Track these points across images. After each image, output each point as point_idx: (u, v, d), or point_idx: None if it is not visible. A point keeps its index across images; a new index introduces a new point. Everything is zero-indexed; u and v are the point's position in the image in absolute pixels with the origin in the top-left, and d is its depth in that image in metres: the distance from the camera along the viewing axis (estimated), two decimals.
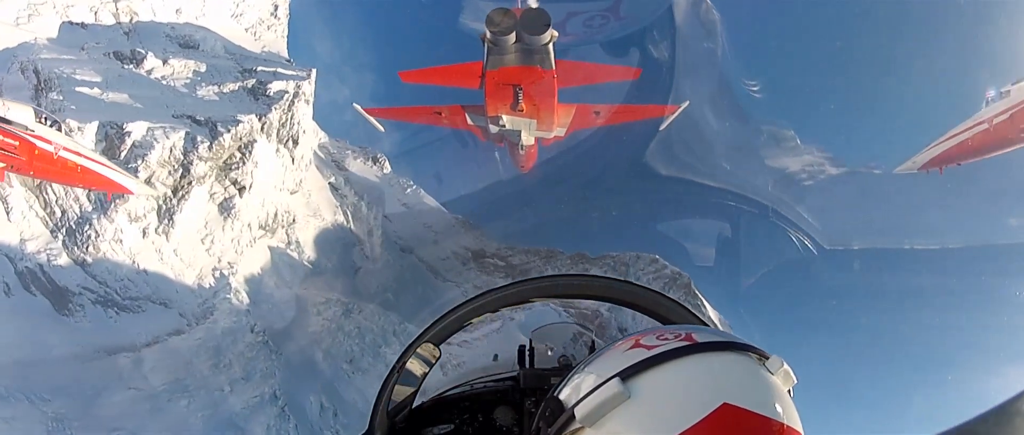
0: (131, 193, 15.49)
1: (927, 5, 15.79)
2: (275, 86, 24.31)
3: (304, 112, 24.41)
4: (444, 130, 17.78)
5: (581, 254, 24.04)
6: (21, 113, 12.59)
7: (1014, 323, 17.80)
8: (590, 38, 14.41)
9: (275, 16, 26.05)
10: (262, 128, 23.18)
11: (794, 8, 17.27)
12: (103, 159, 14.37)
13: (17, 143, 12.25)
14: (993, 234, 17.40)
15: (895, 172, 14.42)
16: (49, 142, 12.79)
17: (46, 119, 12.97)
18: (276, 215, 23.87)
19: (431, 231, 26.04)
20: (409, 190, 26.86)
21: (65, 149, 13.12)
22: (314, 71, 24.07)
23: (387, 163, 26.74)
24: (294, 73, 24.94)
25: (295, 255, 24.11)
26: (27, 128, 12.46)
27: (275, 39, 25.96)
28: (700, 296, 23.10)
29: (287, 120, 24.03)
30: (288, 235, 24.18)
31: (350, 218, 25.76)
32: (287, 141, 24.15)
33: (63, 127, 13.54)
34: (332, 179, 25.92)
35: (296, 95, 24.21)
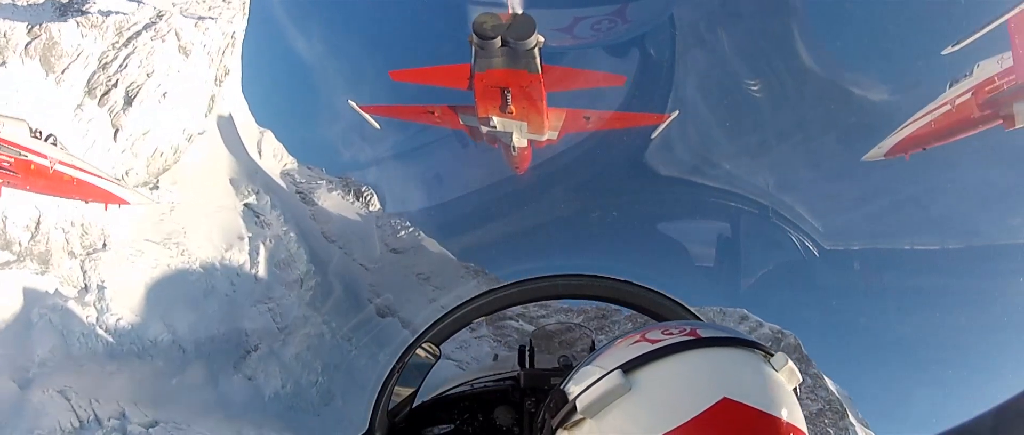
0: (127, 203, 14.82)
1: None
2: (102, 3, 13.87)
3: (172, 63, 14.83)
4: (440, 148, 17.54)
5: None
6: (15, 129, 12.52)
7: (1014, 323, 17.81)
8: (593, 42, 14.45)
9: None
10: (28, 47, 12.73)
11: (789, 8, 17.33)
12: (99, 171, 14.21)
13: (12, 161, 12.24)
14: (993, 234, 17.41)
15: (863, 160, 14.34)
16: (44, 157, 12.72)
17: (40, 134, 12.88)
18: (40, 226, 13.17)
19: (428, 284, 19.81)
20: (404, 232, 20.45)
21: (61, 163, 13.05)
22: (243, 20, 17.34)
23: (374, 198, 20.82)
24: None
25: (84, 312, 13.23)
26: (22, 145, 12.35)
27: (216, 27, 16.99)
28: (814, 365, 19.85)
29: (113, 60, 13.83)
30: (83, 272, 13.51)
31: (262, 259, 17.09)
32: (105, 95, 13.89)
33: (58, 142, 13.34)
34: (252, 199, 17.92)
35: (151, 27, 14.44)
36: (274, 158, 20.42)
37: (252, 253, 16.68)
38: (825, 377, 20.35)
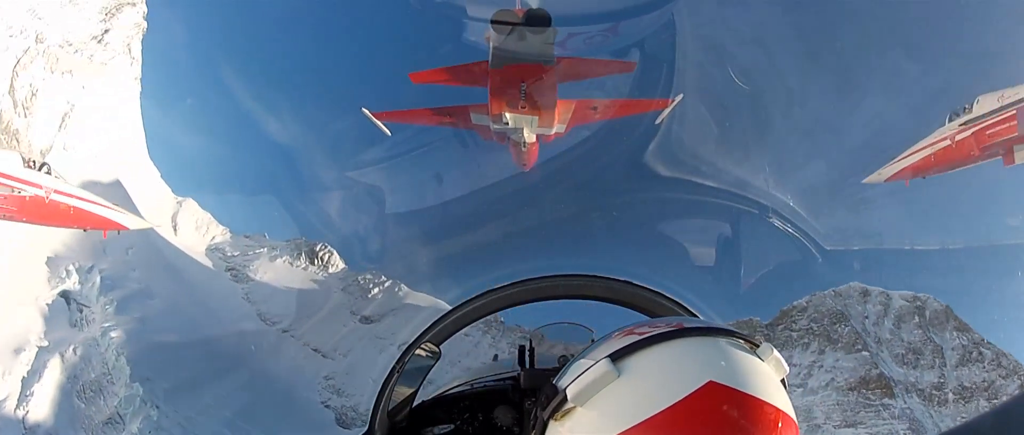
0: (126, 229, 14.56)
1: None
2: None
3: None
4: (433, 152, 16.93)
5: (751, 319, 16.72)
6: (8, 160, 12.44)
7: (1014, 323, 17.83)
8: (590, 53, 14.63)
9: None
10: None
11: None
12: (95, 198, 14.02)
13: (7, 194, 12.25)
14: (993, 234, 17.42)
15: (863, 182, 14.68)
16: (39, 187, 12.62)
17: (34, 164, 12.82)
18: None
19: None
20: (378, 289, 16.35)
21: (56, 192, 12.96)
22: (134, 65, 14.82)
23: (335, 256, 16.73)
24: None
25: None
26: (16, 176, 12.29)
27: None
28: (974, 331, 18.07)
29: None
30: None
31: (48, 386, 11.02)
32: None
33: (52, 170, 13.27)
34: (70, 283, 12.86)
35: None
36: (197, 231, 16.36)
37: (32, 377, 10.19)
38: (993, 343, 18.25)
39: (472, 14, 11.62)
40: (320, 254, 16.88)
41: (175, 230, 16.30)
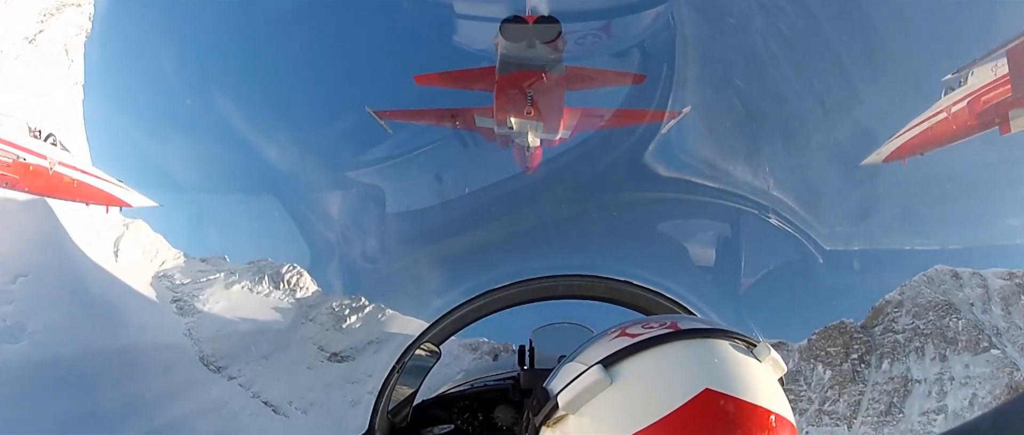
0: (129, 206, 14.11)
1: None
2: None
3: None
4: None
5: (842, 322, 15.11)
6: (13, 128, 12.31)
7: (1014, 323, 17.81)
8: (583, 55, 14.69)
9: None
10: None
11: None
12: (100, 173, 13.84)
13: (10, 162, 12.09)
14: (993, 234, 17.41)
15: (861, 165, 14.58)
16: (43, 157, 12.49)
17: (40, 133, 12.68)
18: None
19: None
20: (356, 318, 13.67)
21: (61, 163, 12.83)
22: (74, 66, 13.88)
23: (304, 278, 14.15)
24: None
25: None
26: (20, 145, 12.14)
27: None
28: None
29: None
30: None
31: None
32: None
33: (58, 141, 13.03)
34: None
35: None
36: (144, 256, 14.15)
37: None
38: None
39: (479, 15, 11.59)
40: (287, 277, 14.26)
41: (116, 256, 13.93)
